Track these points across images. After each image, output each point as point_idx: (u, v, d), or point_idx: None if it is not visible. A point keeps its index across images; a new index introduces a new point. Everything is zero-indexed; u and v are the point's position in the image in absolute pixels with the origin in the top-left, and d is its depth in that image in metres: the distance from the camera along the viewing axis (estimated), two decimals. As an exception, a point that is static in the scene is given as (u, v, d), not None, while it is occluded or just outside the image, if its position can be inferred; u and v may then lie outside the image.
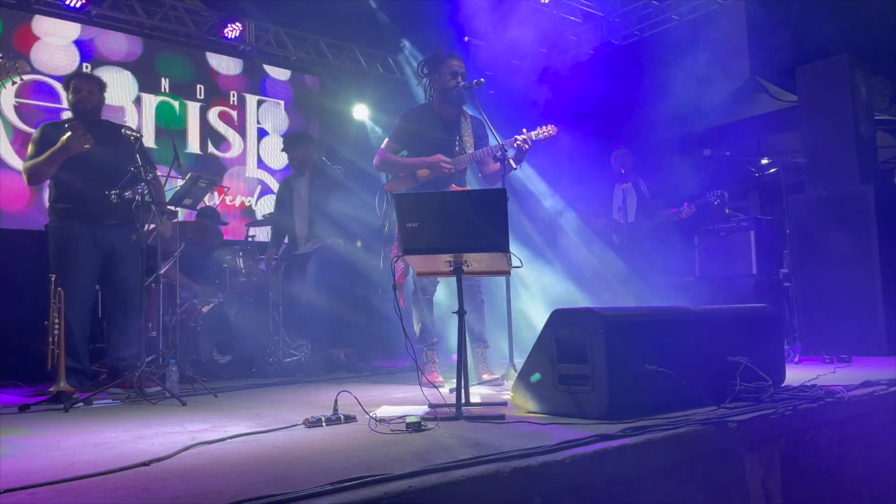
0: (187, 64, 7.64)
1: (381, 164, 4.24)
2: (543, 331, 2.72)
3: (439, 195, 3.38)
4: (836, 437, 2.72)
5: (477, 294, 4.12)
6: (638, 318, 2.72)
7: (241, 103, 8.01)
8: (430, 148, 4.11)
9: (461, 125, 4.19)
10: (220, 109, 7.86)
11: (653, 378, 2.51)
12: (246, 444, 2.29)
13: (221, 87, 7.87)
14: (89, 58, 6.97)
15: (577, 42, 8.79)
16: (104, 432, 2.65)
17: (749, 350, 2.87)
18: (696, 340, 2.80)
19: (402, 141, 4.20)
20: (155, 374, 3.85)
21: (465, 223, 2.76)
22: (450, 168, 4.02)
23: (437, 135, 4.13)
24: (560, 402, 2.61)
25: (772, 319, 3.21)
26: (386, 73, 8.92)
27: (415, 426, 2.36)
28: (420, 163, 4.08)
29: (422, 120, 4.18)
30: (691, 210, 6.01)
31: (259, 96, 8.16)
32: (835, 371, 3.85)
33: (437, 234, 2.78)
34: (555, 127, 4.01)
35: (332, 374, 5.34)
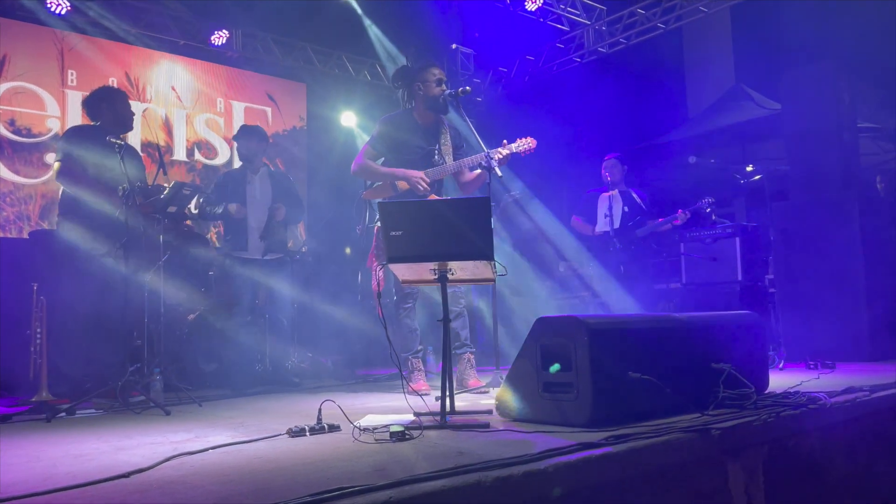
0: (174, 71, 7.61)
1: (359, 171, 4.23)
2: (528, 339, 2.72)
3: (424, 203, 3.38)
4: (819, 443, 2.74)
5: (460, 300, 4.12)
6: (622, 326, 2.72)
7: (227, 110, 7.98)
8: (410, 156, 4.10)
9: (441, 134, 4.18)
10: (206, 116, 7.84)
11: (637, 385, 2.52)
12: (227, 454, 2.27)
13: (208, 94, 7.84)
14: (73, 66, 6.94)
15: (564, 50, 8.83)
16: (85, 443, 2.63)
17: (733, 357, 2.88)
18: (679, 348, 2.81)
19: (382, 148, 4.19)
20: (139, 384, 3.82)
21: (449, 231, 2.76)
22: (426, 189, 3.98)
23: (417, 143, 4.13)
24: (545, 410, 2.61)
25: (755, 327, 3.23)
26: (374, 80, 8.93)
27: (399, 435, 2.35)
28: (400, 174, 4.07)
29: (401, 127, 4.17)
30: (686, 217, 6.07)
31: (246, 103, 8.15)
32: (818, 377, 3.87)
33: (421, 243, 2.77)
34: (534, 140, 4.02)
35: (319, 382, 5.31)
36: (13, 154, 6.53)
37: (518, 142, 4.02)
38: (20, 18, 6.63)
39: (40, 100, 6.73)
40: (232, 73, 8.04)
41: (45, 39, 6.79)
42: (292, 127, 8.53)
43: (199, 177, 7.68)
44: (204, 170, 7.74)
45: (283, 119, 8.42)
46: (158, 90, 7.48)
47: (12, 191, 6.50)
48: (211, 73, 7.88)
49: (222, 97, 7.95)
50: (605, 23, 8.40)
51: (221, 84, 7.96)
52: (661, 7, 7.86)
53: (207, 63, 7.84)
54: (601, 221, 6.22)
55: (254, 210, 5.31)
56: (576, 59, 8.76)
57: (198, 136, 7.74)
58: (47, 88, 6.77)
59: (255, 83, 8.25)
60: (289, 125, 8.49)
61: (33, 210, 6.60)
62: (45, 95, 6.76)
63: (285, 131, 8.45)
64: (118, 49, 7.20)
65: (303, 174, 8.49)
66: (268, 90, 8.34)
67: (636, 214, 6.16)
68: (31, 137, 6.66)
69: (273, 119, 8.32)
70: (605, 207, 6.13)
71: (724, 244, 6.13)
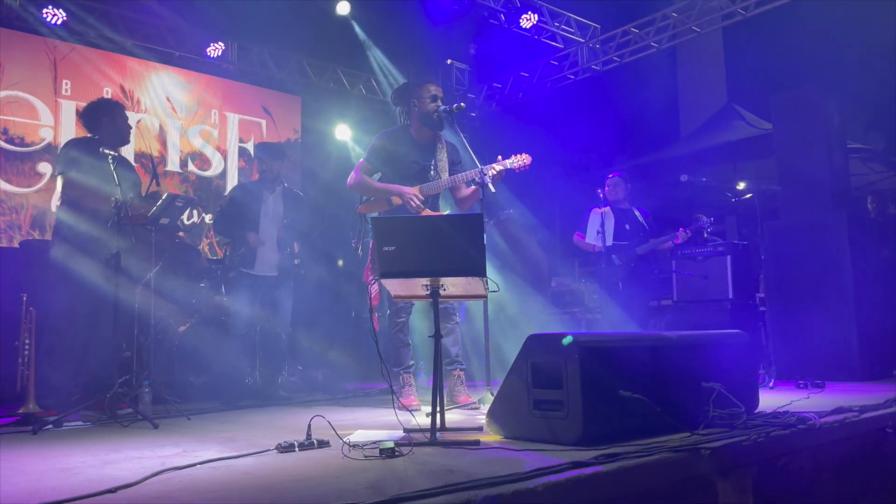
0: (168, 82, 7.62)
1: (354, 185, 4.24)
2: (519, 356, 2.72)
3: (417, 219, 3.39)
4: (808, 463, 2.74)
5: (452, 316, 4.12)
6: (613, 345, 2.73)
7: (222, 122, 7.99)
8: (406, 172, 4.12)
9: (437, 150, 4.20)
10: (201, 128, 7.84)
11: (628, 404, 2.52)
12: (216, 469, 2.26)
13: (203, 105, 7.85)
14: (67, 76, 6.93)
15: (559, 67, 8.90)
16: (72, 456, 2.60)
17: (723, 376, 2.88)
18: (670, 367, 2.81)
19: (378, 163, 4.20)
20: (127, 396, 3.79)
21: (442, 247, 2.76)
22: (418, 206, 4.00)
23: (413, 159, 4.14)
24: (535, 428, 2.60)
25: (746, 346, 3.23)
26: (369, 94, 8.96)
27: (388, 452, 2.34)
28: (394, 190, 4.08)
29: (398, 143, 4.18)
30: (686, 236, 6.11)
31: (241, 115, 8.16)
32: (808, 397, 3.88)
33: (414, 258, 2.78)
34: (529, 157, 4.04)
35: (310, 396, 5.28)
36: (5, 163, 6.51)
37: (513, 158, 4.03)
38: (15, 28, 6.62)
39: (34, 109, 6.72)
40: (227, 85, 8.06)
41: (40, 49, 6.79)
42: (286, 139, 8.54)
43: (192, 188, 7.67)
44: (197, 181, 7.73)
45: (277, 131, 8.43)
46: (153, 101, 7.48)
47: (3, 200, 6.47)
48: (206, 85, 7.90)
49: (217, 109, 7.96)
50: (598, 41, 8.48)
51: (216, 96, 7.97)
52: (654, 27, 7.94)
53: (203, 74, 7.86)
54: (592, 237, 6.24)
55: (267, 227, 5.44)
56: (570, 77, 8.83)
57: (192, 147, 7.74)
58: (41, 98, 6.77)
59: (250, 95, 8.26)
60: (283, 137, 8.50)
61: (24, 219, 6.57)
62: (38, 105, 6.75)
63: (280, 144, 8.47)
64: (113, 59, 7.21)
65: (296, 186, 8.47)
66: (263, 102, 8.35)
67: (638, 232, 6.19)
68: (24, 146, 6.65)
69: (267, 131, 8.32)
70: (596, 224, 6.16)
71: (716, 262, 6.15)
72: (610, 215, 6.19)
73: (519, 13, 7.83)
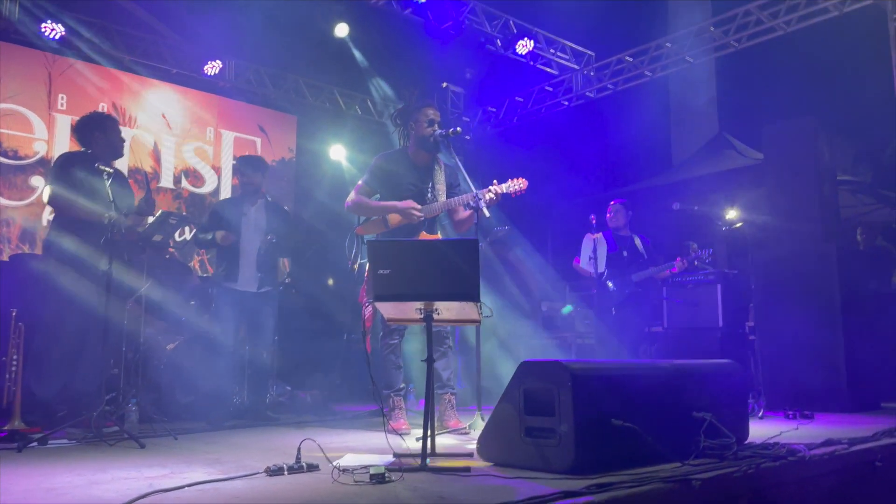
0: (164, 98, 7.64)
1: (353, 207, 4.25)
2: (511, 382, 2.72)
3: (412, 243, 3.39)
4: (798, 495, 2.74)
5: (445, 340, 4.11)
6: (606, 373, 2.73)
7: (217, 139, 8.01)
8: (404, 194, 4.14)
9: (435, 173, 4.23)
10: (196, 145, 7.85)
11: (620, 433, 2.52)
12: (204, 492, 2.23)
13: (198, 122, 7.87)
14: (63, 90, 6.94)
15: (553, 93, 8.99)
16: (57, 476, 2.57)
17: (714, 406, 2.89)
18: (662, 396, 2.82)
19: (376, 184, 4.22)
20: (114, 414, 3.75)
21: (436, 271, 2.77)
22: (419, 216, 4.03)
23: (411, 181, 4.17)
24: (527, 455, 2.59)
25: (736, 375, 3.25)
26: (364, 114, 9.01)
27: (378, 478, 2.33)
28: (391, 207, 4.10)
29: (396, 165, 4.21)
30: (684, 265, 6.12)
31: (236, 133, 8.18)
32: (797, 428, 3.89)
33: (408, 282, 2.78)
34: (525, 181, 4.06)
35: (298, 417, 5.24)
36: (-2, 175, 6.49)
37: (509, 182, 4.06)
38: (13, 41, 6.63)
39: (28, 122, 6.71)
40: (223, 103, 8.08)
41: (37, 62, 6.80)
42: (281, 158, 8.56)
43: (185, 204, 7.66)
44: (190, 198, 7.72)
45: (272, 150, 8.45)
46: (148, 117, 7.49)
47: (-6, 212, 6.44)
48: (202, 102, 7.92)
49: (212, 126, 7.98)
50: (593, 68, 8.58)
51: (212, 113, 8.00)
52: (648, 56, 8.05)
53: (199, 92, 7.88)
54: (585, 262, 6.27)
55: (248, 241, 5.28)
56: (564, 103, 8.92)
57: (186, 164, 7.75)
58: (36, 111, 6.77)
59: (246, 114, 8.29)
60: (278, 156, 8.52)
61: (14, 233, 6.54)
62: (33, 118, 6.75)
63: (274, 162, 8.47)
64: (109, 75, 7.22)
65: (289, 205, 8.48)
66: (258, 121, 8.38)
67: (636, 259, 6.21)
68: (18, 160, 6.63)
69: (262, 150, 8.34)
70: (588, 249, 6.19)
71: (706, 290, 6.18)
72: (602, 241, 6.22)
73: (515, 39, 7.91)
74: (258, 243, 5.28)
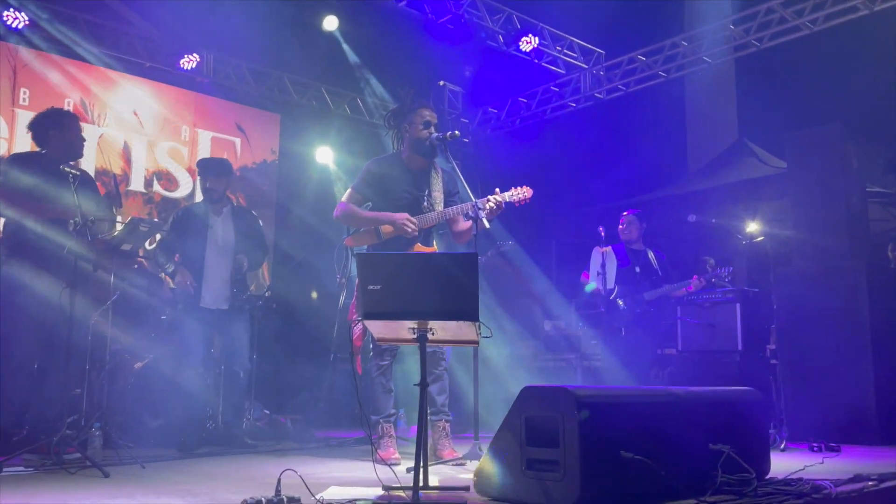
0: (136, 95, 7.64)
1: (342, 216, 4.26)
2: (512, 409, 2.72)
3: (405, 257, 3.40)
4: (824, 537, 2.73)
5: (440, 362, 4.11)
6: (615, 400, 2.73)
7: (193, 139, 8.01)
8: (397, 202, 4.15)
9: (432, 179, 4.24)
10: (169, 145, 7.86)
11: (630, 466, 2.51)
12: (175, 528, 2.22)
13: (173, 120, 7.88)
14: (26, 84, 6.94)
15: (559, 94, 9.03)
16: (12, 508, 2.55)
17: (733, 437, 2.89)
18: (677, 426, 2.82)
19: (367, 192, 4.23)
20: (76, 439, 3.73)
21: (431, 288, 2.77)
22: (414, 230, 4.03)
23: (405, 188, 4.17)
24: (527, 489, 2.59)
25: (757, 404, 3.25)
26: (354, 114, 9.04)
27: (366, 513, 2.32)
28: (385, 218, 4.11)
29: (390, 171, 4.22)
30: (701, 285, 6.10)
31: (214, 133, 8.19)
32: (823, 461, 3.89)
33: (400, 299, 2.78)
34: (530, 189, 4.08)
35: (277, 444, 5.22)
36: (-48, 176, 6.48)
37: (512, 191, 4.07)
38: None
39: (-12, 119, 6.71)
40: (200, 100, 8.10)
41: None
42: (262, 160, 8.58)
43: (156, 209, 7.66)
44: (162, 202, 7.72)
45: (252, 151, 8.46)
46: (119, 114, 7.49)
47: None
48: (177, 99, 7.93)
49: (188, 125, 7.99)
50: (603, 67, 8.63)
51: (188, 111, 8.01)
52: (662, 55, 8.10)
53: (174, 88, 7.89)
54: (593, 278, 6.28)
55: (215, 255, 5.24)
56: (571, 104, 8.96)
57: (158, 166, 7.75)
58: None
59: (225, 112, 8.31)
60: (259, 158, 8.54)
61: (-30, 238, 6.52)
62: (-8, 115, 6.75)
63: (255, 164, 8.49)
64: (77, 68, 7.22)
65: (270, 211, 8.50)
66: (238, 120, 8.40)
67: (650, 275, 6.21)
68: (-26, 159, 6.62)
69: (242, 151, 8.36)
70: (597, 264, 6.20)
71: (724, 310, 6.18)
72: (612, 255, 6.23)
73: (519, 35, 7.96)
74: (226, 261, 5.25)
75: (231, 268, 5.28)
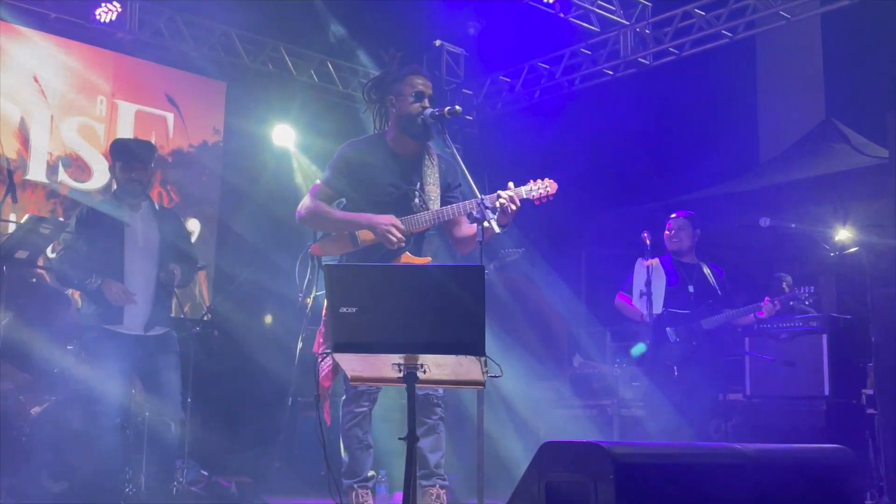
0: (38, 55, 7.64)
1: (307, 217, 4.25)
2: (528, 472, 2.72)
3: (389, 270, 3.39)
4: None
5: (434, 409, 4.10)
6: (663, 460, 2.74)
7: (111, 114, 8.02)
8: (381, 198, 4.13)
9: (425, 168, 4.23)
10: (80, 121, 7.86)
11: (681, 548, 2.52)
12: None
13: (85, 89, 7.88)
14: None
15: (592, 57, 9.05)
16: None
17: (818, 511, 2.90)
18: (743, 494, 2.82)
19: (341, 185, 4.22)
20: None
21: (424, 312, 2.77)
22: (399, 240, 4.02)
23: (391, 180, 4.17)
24: (548, 579, 2.59)
25: (850, 468, 3.26)
26: (323, 83, 9.07)
27: None
28: (363, 221, 4.09)
29: (370, 158, 4.21)
30: (774, 309, 6.08)
31: (138, 105, 8.19)
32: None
33: (382, 326, 2.78)
34: (554, 183, 4.07)
35: (217, 516, 5.23)
36: None
37: (531, 185, 4.06)
38: None
39: None
40: (121, 63, 8.11)
41: None
42: (202, 142, 8.59)
43: (62, 206, 7.65)
44: (71, 196, 7.71)
45: (188, 130, 8.47)
46: (13, 80, 7.48)
47: None
48: (91, 61, 7.94)
49: (105, 95, 8.00)
50: (649, 24, 8.65)
51: (105, 77, 8.02)
52: (727, 8, 8.10)
53: (87, 46, 7.90)
54: (636, 299, 6.28)
55: (137, 265, 5.24)
56: (607, 72, 8.98)
57: (66, 149, 7.75)
58: None
59: (154, 78, 8.32)
60: (197, 139, 8.54)
61: None
62: None
63: (192, 147, 8.50)
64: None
65: (212, 209, 8.50)
66: (170, 89, 8.41)
67: (706, 297, 6.20)
68: None
69: (175, 129, 8.36)
70: (641, 282, 6.19)
71: (806, 343, 6.20)
72: (659, 270, 6.23)
73: (539, -20, 8.01)
74: (150, 272, 5.24)
75: (157, 281, 5.26)
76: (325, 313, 3.89)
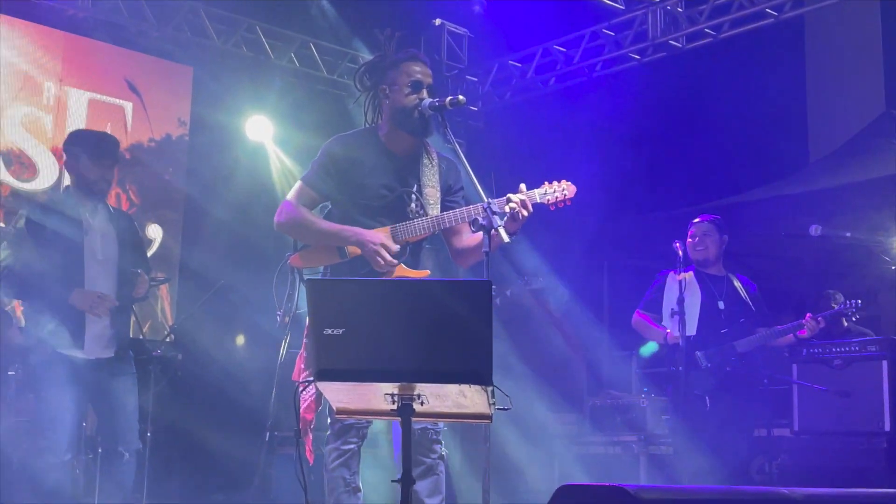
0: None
1: (287, 224, 4.25)
2: (542, 519, 2.72)
3: (380, 285, 3.40)
4: None
5: (433, 447, 4.10)
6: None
7: (61, 103, 8.03)
8: (372, 202, 4.14)
9: (423, 168, 4.24)
10: (25, 111, 7.88)
11: None
12: None
13: (30, 75, 7.90)
14: None
15: (616, 40, 9.07)
16: None
17: (877, 567, 2.90)
18: (791, 548, 2.82)
19: (326, 187, 4.22)
20: None
21: (421, 333, 2.77)
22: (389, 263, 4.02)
23: (384, 182, 4.17)
24: None
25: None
26: (305, 67, 9.08)
27: None
28: (350, 236, 4.08)
29: (360, 155, 4.21)
30: (817, 327, 6.06)
31: (92, 94, 8.21)
32: None
33: (373, 350, 2.78)
34: (573, 186, 4.08)
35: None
36: None
37: (545, 187, 4.06)
38: None
39: None
40: (73, 44, 8.13)
41: None
42: (165, 135, 8.60)
43: (2, 209, 7.66)
44: (13, 198, 7.72)
45: (150, 122, 8.49)
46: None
47: None
48: (38, 43, 7.96)
49: (54, 81, 8.01)
50: (682, 2, 8.66)
51: (54, 60, 8.04)
52: (771, -18, 8.14)
53: (34, 25, 7.92)
54: (667, 318, 6.28)
55: (95, 275, 5.25)
56: (633, 56, 8.99)
57: (8, 144, 7.76)
58: None
59: (111, 62, 8.34)
60: (160, 133, 8.56)
61: None
62: None
63: (153, 141, 8.51)
64: None
65: (176, 214, 8.51)
66: (129, 74, 8.43)
67: (738, 316, 6.20)
68: None
69: (134, 121, 8.38)
70: (672, 299, 6.19)
71: (863, 370, 6.20)
72: (694, 286, 6.23)
73: (555, -49, 8.04)
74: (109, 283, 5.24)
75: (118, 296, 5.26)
76: (307, 335, 3.90)
